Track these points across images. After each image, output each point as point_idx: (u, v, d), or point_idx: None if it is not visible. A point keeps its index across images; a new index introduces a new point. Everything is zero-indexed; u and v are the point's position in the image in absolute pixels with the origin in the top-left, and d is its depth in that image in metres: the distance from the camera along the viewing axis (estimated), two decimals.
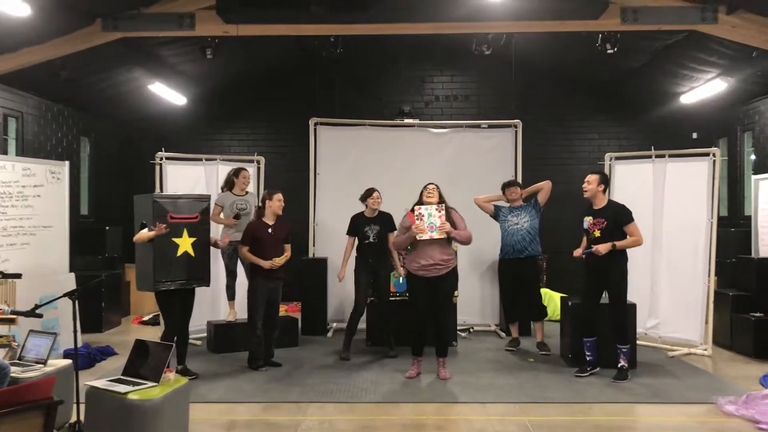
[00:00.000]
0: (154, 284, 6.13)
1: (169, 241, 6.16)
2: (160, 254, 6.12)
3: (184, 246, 6.24)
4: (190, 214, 6.31)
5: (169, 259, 6.16)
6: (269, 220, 6.84)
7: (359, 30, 8.10)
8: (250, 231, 6.79)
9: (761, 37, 7.63)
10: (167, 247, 6.16)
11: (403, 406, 5.61)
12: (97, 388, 4.24)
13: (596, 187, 6.51)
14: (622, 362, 6.46)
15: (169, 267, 6.17)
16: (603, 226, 6.41)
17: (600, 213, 6.49)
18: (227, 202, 7.66)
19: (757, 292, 7.88)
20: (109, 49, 8.22)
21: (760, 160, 9.98)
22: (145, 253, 6.18)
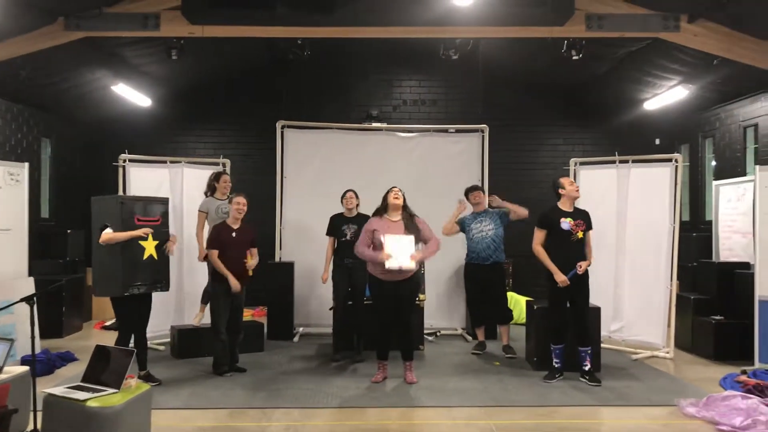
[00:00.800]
0: (124, 288, 5.96)
1: (136, 244, 6.03)
2: (129, 257, 5.98)
3: (150, 249, 6.13)
4: (153, 217, 6.21)
5: (136, 263, 6.03)
6: (233, 224, 6.76)
7: (326, 33, 8.08)
8: (215, 234, 6.71)
9: (721, 45, 7.81)
10: (135, 250, 6.03)
11: (368, 411, 5.58)
12: (55, 396, 4.14)
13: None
14: (588, 364, 6.52)
15: (137, 270, 6.04)
16: (584, 227, 6.52)
17: (578, 215, 6.57)
18: (212, 207, 7.53)
19: (718, 296, 8.04)
20: (71, 49, 8.06)
21: (720, 166, 10.20)
22: (110, 256, 5.98)
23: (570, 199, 6.59)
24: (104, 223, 6.01)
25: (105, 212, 6.10)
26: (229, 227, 6.74)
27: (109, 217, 6.03)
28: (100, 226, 6.02)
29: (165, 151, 9.96)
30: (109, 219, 6.01)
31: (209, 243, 6.75)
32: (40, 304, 4.92)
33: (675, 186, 7.79)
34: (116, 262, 5.94)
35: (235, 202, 6.76)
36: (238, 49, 10.17)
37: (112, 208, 6.06)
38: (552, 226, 6.54)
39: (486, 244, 7.61)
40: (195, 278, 8.08)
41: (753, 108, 9.32)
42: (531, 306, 7.44)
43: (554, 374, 6.60)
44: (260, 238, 9.53)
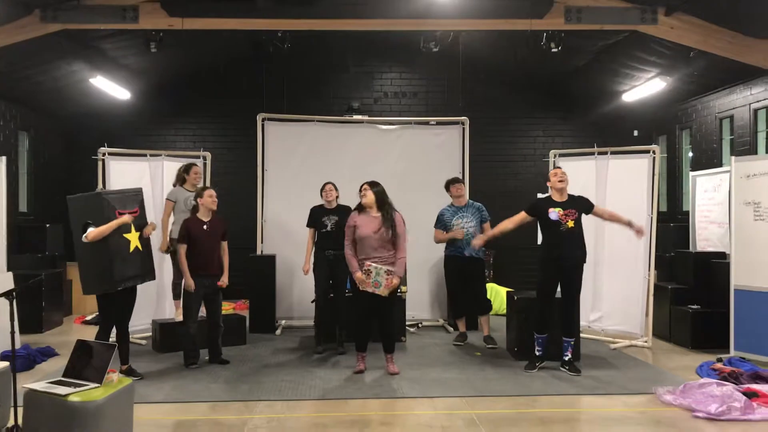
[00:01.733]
0: (116, 283, 5.90)
1: (122, 239, 5.98)
2: (117, 251, 5.92)
3: (135, 242, 6.08)
4: (132, 209, 6.16)
5: (124, 257, 5.98)
6: (204, 217, 6.75)
7: (306, 25, 8.07)
8: (185, 228, 6.68)
9: (698, 38, 7.92)
10: (122, 244, 5.98)
11: (351, 403, 5.62)
12: (36, 391, 4.12)
13: (567, 180, 6.67)
14: (569, 354, 6.60)
15: (126, 265, 6.00)
16: (575, 216, 6.52)
17: (569, 204, 6.57)
18: (180, 197, 7.53)
19: (695, 286, 8.18)
20: (48, 41, 7.99)
21: (697, 157, 10.33)
22: (97, 253, 5.88)
23: (555, 189, 6.63)
24: (86, 221, 5.91)
25: (86, 210, 5.98)
26: (200, 220, 6.72)
27: (91, 214, 5.92)
28: (83, 225, 5.93)
29: (145, 145, 9.91)
30: (91, 217, 5.90)
31: (180, 238, 6.71)
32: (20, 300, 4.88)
33: (653, 177, 7.89)
34: (105, 259, 5.86)
35: (208, 195, 6.75)
36: (219, 42, 10.11)
37: (94, 205, 5.97)
38: (540, 215, 6.59)
39: (467, 239, 7.65)
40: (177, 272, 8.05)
41: (729, 100, 9.45)
42: (511, 297, 7.51)
43: (535, 363, 6.67)
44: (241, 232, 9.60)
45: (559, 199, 6.60)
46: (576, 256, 6.54)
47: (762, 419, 5.09)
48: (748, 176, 7.23)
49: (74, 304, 10.18)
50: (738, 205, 7.30)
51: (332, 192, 7.55)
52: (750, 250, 7.12)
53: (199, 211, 6.76)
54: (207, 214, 6.76)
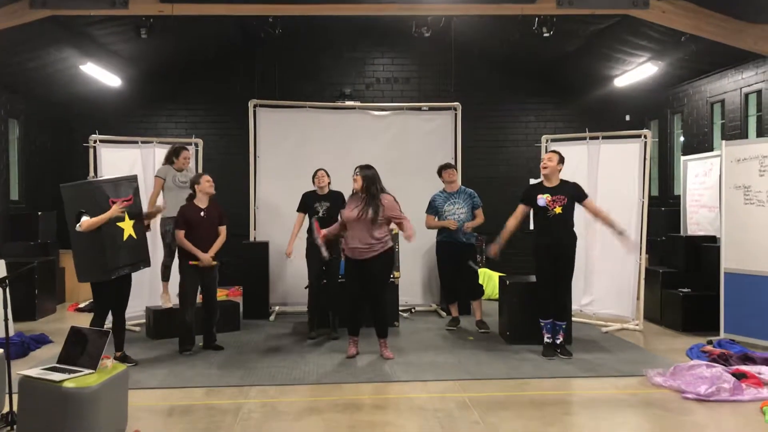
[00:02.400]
0: (109, 272, 5.88)
1: (115, 227, 5.95)
2: (110, 240, 5.90)
3: (128, 230, 6.05)
4: (126, 197, 6.14)
5: (118, 245, 5.97)
6: (201, 203, 6.75)
7: (298, 10, 8.03)
8: (183, 214, 6.69)
9: (689, 22, 7.91)
10: (115, 233, 5.96)
11: (344, 387, 5.66)
12: (31, 377, 4.14)
13: (556, 165, 6.63)
14: (561, 338, 6.65)
15: (119, 252, 5.98)
16: (564, 202, 6.51)
17: (558, 190, 6.57)
18: (169, 175, 7.51)
19: (686, 269, 8.24)
20: (37, 28, 7.92)
21: (688, 141, 10.37)
22: (90, 242, 5.85)
23: (545, 175, 6.65)
24: (80, 211, 5.86)
25: (79, 199, 5.94)
26: (196, 207, 6.72)
27: (84, 203, 5.88)
28: (76, 214, 5.89)
29: (136, 132, 9.87)
30: (84, 205, 5.86)
31: (178, 224, 6.72)
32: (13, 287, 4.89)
33: (644, 161, 7.92)
34: (98, 247, 5.84)
35: (206, 180, 6.75)
36: (209, 28, 10.06)
37: (87, 193, 5.94)
38: (530, 202, 6.63)
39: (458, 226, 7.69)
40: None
41: (720, 84, 9.47)
42: (504, 282, 7.56)
43: (553, 350, 6.61)
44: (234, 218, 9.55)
45: (548, 185, 6.62)
46: (564, 242, 6.55)
47: (751, 400, 5.16)
48: (738, 160, 7.27)
49: (67, 291, 10.19)
50: (728, 189, 7.34)
51: (324, 178, 7.56)
52: (740, 233, 7.18)
53: (196, 198, 6.76)
54: (204, 200, 6.77)
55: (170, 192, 7.39)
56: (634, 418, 4.91)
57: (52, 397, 4.02)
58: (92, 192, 5.92)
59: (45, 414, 4.03)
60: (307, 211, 7.56)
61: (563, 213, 6.52)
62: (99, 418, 4.08)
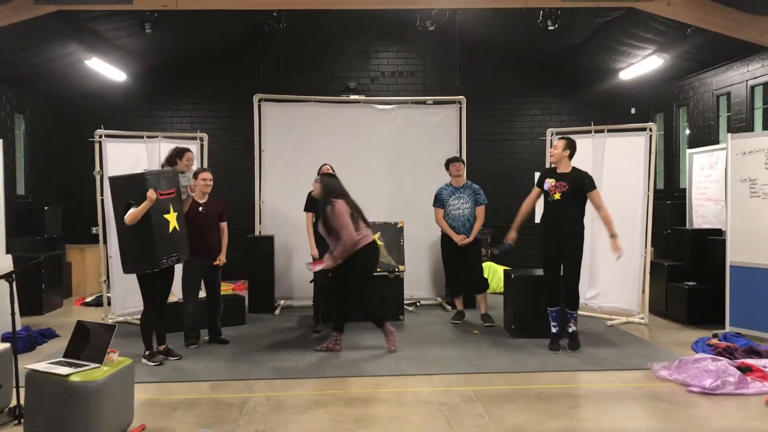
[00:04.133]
0: (158, 262, 5.94)
1: (162, 218, 6.02)
2: (159, 231, 5.97)
3: (173, 222, 6.13)
4: (170, 190, 6.18)
5: (165, 236, 6.04)
6: (199, 199, 6.77)
7: (301, 4, 8.03)
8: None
9: (695, 15, 7.87)
10: (163, 224, 6.02)
11: (350, 381, 5.67)
12: (38, 371, 4.16)
13: (562, 152, 6.61)
14: (572, 327, 6.63)
15: (167, 243, 6.05)
16: (564, 189, 6.50)
17: (564, 177, 6.57)
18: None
19: (691, 262, 8.22)
20: (42, 23, 7.94)
21: (694, 134, 10.33)
22: (140, 232, 5.91)
23: (552, 162, 6.70)
24: (129, 202, 5.92)
25: (128, 190, 6.00)
26: (196, 202, 6.74)
27: (133, 194, 5.93)
28: (125, 205, 5.95)
29: (141, 126, 9.90)
30: (133, 197, 5.92)
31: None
32: (20, 282, 4.92)
33: (650, 154, 7.90)
34: (148, 238, 5.91)
35: (202, 178, 6.77)
36: (214, 22, 10.05)
37: (137, 185, 5.97)
38: (540, 185, 6.68)
39: (461, 222, 7.70)
40: None
41: (726, 77, 9.43)
42: (509, 275, 7.55)
43: (557, 343, 6.61)
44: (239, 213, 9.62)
45: (558, 171, 6.64)
46: (563, 228, 6.52)
47: (756, 393, 5.16)
48: (744, 153, 7.24)
49: (74, 286, 10.23)
50: (734, 182, 7.31)
51: (329, 172, 7.56)
52: (746, 226, 7.15)
53: (195, 193, 6.78)
54: (202, 195, 6.78)
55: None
56: (639, 412, 4.91)
57: (58, 390, 4.05)
58: (142, 184, 5.93)
59: (51, 408, 4.06)
60: (314, 210, 7.55)
61: (561, 200, 6.51)
62: (105, 412, 4.11)
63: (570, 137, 6.79)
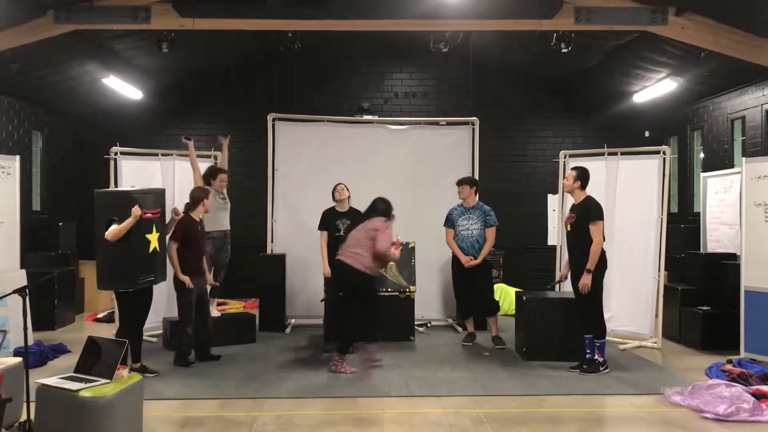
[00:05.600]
0: (134, 282, 5.94)
1: (143, 238, 6.01)
2: (138, 250, 5.97)
3: (154, 242, 6.11)
4: (154, 210, 6.18)
5: (145, 256, 6.04)
6: (197, 216, 6.79)
7: (316, 26, 8.10)
8: (181, 228, 6.67)
9: (709, 38, 7.87)
10: (143, 244, 6.01)
11: (360, 401, 5.65)
12: (48, 386, 4.18)
13: (572, 183, 6.64)
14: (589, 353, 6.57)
15: (145, 264, 6.05)
16: (573, 221, 6.54)
17: (574, 208, 6.63)
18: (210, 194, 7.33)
19: (705, 287, 8.14)
20: (61, 42, 8.06)
21: (708, 157, 10.28)
22: (119, 251, 5.90)
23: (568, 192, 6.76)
24: (111, 218, 5.89)
25: (112, 206, 6.00)
26: (194, 219, 6.76)
27: (117, 211, 5.90)
28: (107, 221, 5.92)
29: (156, 144, 9.97)
30: (117, 213, 5.89)
31: (174, 235, 6.66)
32: (33, 297, 4.95)
33: (663, 178, 7.86)
34: (126, 256, 5.92)
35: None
36: (229, 42, 10.16)
37: (120, 201, 5.96)
38: None
39: (470, 243, 7.69)
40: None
41: (740, 100, 9.40)
42: (520, 297, 7.51)
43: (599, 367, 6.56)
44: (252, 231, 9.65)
45: (574, 202, 6.67)
46: (572, 262, 6.60)
47: None
48: (759, 177, 7.19)
49: (86, 301, 10.29)
50: (749, 206, 7.27)
51: (344, 192, 7.61)
52: (761, 251, 7.09)
53: (194, 211, 6.78)
54: (200, 213, 6.81)
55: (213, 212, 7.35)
56: None
57: (68, 406, 4.06)
58: (126, 201, 5.92)
59: (61, 422, 4.07)
60: (328, 229, 7.57)
61: (571, 231, 6.57)
62: (114, 428, 4.11)
63: (582, 166, 6.80)
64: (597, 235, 6.41)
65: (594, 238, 6.40)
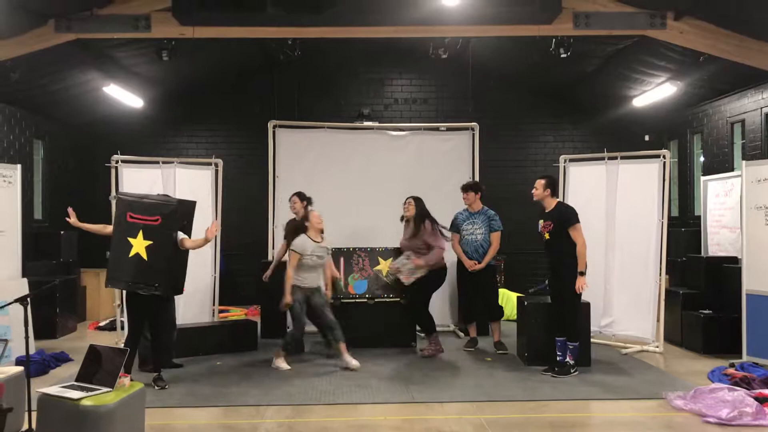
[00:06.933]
0: (108, 280, 6.11)
1: (123, 240, 6.01)
2: (115, 251, 6.03)
3: (138, 248, 6.01)
4: (148, 216, 6.07)
5: (121, 259, 6.01)
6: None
7: (316, 33, 8.12)
8: None
9: (708, 42, 7.89)
10: (123, 245, 6.01)
11: (361, 407, 5.64)
12: (49, 395, 4.18)
13: (542, 191, 6.75)
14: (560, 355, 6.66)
15: (119, 267, 6.03)
16: (550, 228, 6.61)
17: (548, 216, 6.69)
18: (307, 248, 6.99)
19: (706, 290, 8.13)
20: (62, 51, 8.09)
21: (708, 161, 10.29)
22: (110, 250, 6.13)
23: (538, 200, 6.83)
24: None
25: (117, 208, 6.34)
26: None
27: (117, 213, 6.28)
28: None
29: (158, 152, 10.00)
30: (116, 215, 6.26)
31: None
32: (34, 306, 4.97)
33: (663, 182, 7.87)
34: (111, 255, 6.09)
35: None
36: (230, 50, 10.20)
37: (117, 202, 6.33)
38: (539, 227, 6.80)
39: (474, 247, 7.70)
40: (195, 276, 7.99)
41: (740, 104, 9.41)
42: (522, 302, 7.51)
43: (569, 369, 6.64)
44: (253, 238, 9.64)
45: (546, 210, 6.75)
46: (553, 267, 6.68)
47: None
48: (759, 180, 7.20)
49: (88, 310, 10.29)
50: (749, 209, 7.27)
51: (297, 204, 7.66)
52: (762, 254, 7.08)
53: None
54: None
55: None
56: None
57: (69, 415, 4.06)
58: (118, 202, 6.23)
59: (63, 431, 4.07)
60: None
61: (551, 239, 6.64)
62: None
63: (550, 175, 6.92)
64: (579, 237, 6.55)
65: (577, 241, 6.54)
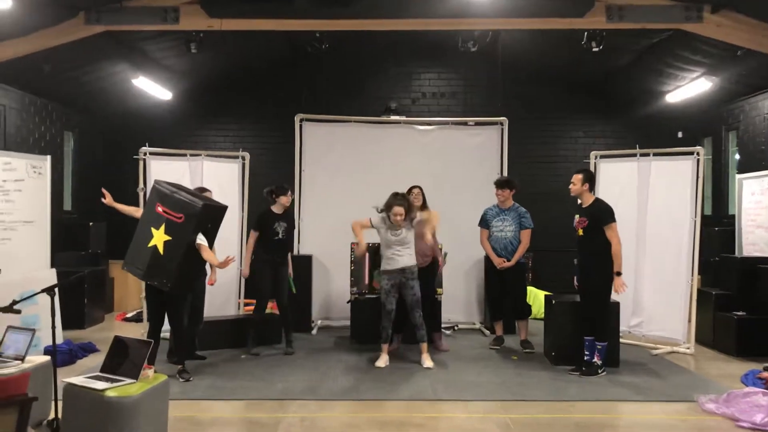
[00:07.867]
0: (125, 263, 6.07)
1: (146, 228, 5.96)
2: (138, 237, 6.00)
3: (157, 240, 5.90)
4: (174, 212, 5.93)
5: (139, 246, 5.98)
6: None
7: (344, 26, 8.08)
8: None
9: (746, 36, 7.68)
10: (145, 233, 5.95)
11: (385, 404, 5.60)
12: (75, 385, 4.19)
13: (581, 186, 6.57)
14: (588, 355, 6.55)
15: (136, 254, 5.99)
16: (585, 225, 6.47)
17: (584, 211, 6.54)
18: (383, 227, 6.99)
19: (740, 291, 7.93)
20: (92, 43, 8.15)
21: (744, 159, 10.05)
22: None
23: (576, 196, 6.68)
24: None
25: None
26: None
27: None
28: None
29: (185, 145, 10.04)
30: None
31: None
32: (63, 296, 4.99)
33: (697, 179, 7.69)
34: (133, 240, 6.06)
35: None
36: (257, 43, 10.19)
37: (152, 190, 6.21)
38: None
39: (504, 244, 7.59)
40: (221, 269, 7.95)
41: None
42: (549, 301, 7.40)
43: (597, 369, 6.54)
44: None
45: (582, 205, 6.62)
46: (584, 265, 6.55)
47: None
48: None
49: (116, 301, 10.39)
50: None
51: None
52: None
53: None
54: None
55: None
56: None
57: (94, 405, 4.06)
58: (153, 189, 6.13)
59: (87, 422, 4.07)
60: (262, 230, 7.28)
61: (584, 235, 6.52)
62: (139, 428, 4.10)
63: (587, 168, 6.74)
64: (615, 236, 6.41)
65: (612, 241, 6.39)
